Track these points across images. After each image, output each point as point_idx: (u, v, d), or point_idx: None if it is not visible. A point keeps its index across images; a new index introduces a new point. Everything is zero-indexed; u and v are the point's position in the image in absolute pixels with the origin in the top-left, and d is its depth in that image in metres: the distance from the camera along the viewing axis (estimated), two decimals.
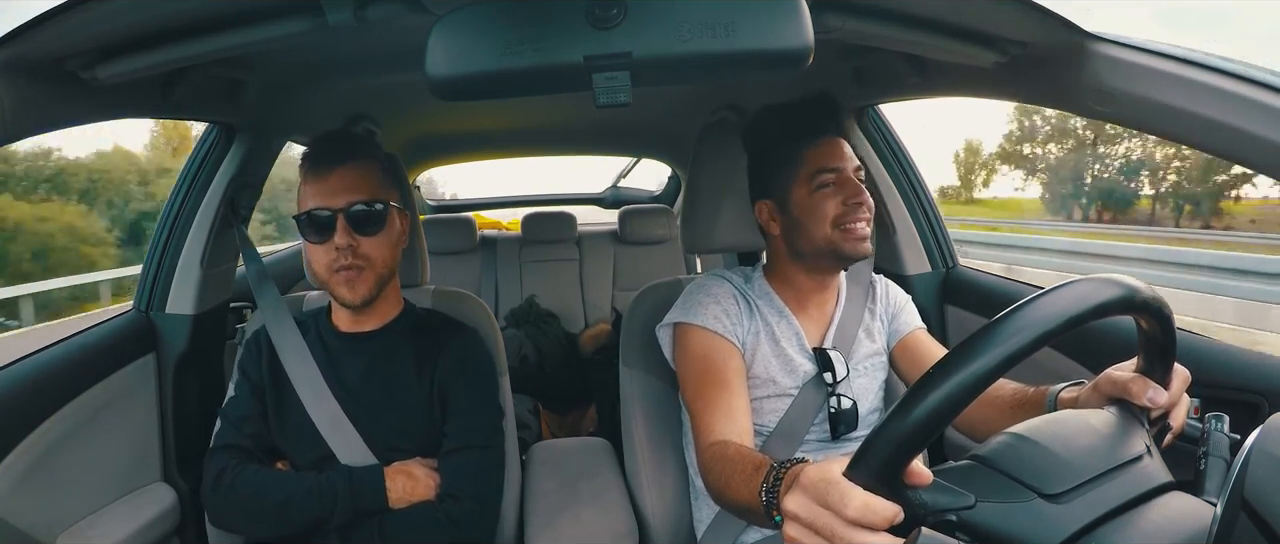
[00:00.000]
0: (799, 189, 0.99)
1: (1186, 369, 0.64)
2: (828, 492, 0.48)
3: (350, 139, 1.04)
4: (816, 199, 0.98)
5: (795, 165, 1.00)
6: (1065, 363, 1.07)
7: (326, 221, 0.95)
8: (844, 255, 0.97)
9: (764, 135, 1.07)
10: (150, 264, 1.26)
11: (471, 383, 1.04)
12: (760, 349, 1.01)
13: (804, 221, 0.99)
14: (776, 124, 1.05)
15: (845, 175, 0.98)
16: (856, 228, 0.96)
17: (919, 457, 0.48)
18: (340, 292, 0.97)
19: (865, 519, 0.46)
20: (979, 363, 0.45)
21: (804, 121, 1.02)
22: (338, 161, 0.96)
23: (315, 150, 0.99)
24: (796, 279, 1.05)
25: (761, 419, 1.01)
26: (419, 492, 0.96)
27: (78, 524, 1.02)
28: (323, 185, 0.95)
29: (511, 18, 0.61)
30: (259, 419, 1.01)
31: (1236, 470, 0.43)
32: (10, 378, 0.97)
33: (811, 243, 0.99)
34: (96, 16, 0.65)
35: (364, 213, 0.95)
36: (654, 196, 3.14)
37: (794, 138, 1.01)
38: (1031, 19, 0.75)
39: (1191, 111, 0.69)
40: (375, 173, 0.99)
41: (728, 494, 0.76)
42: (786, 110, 1.05)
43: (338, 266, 0.95)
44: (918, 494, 0.48)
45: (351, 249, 0.95)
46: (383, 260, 0.99)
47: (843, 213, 0.96)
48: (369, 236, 0.96)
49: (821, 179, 0.98)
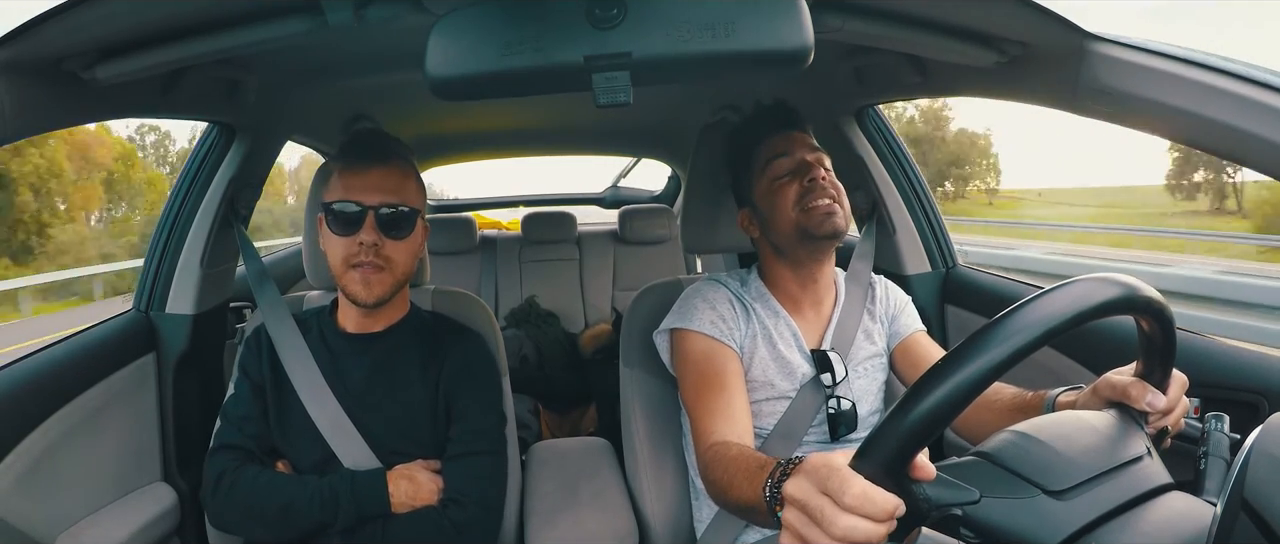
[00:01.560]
0: (761, 186, 1.02)
1: (1184, 375, 0.64)
2: (829, 477, 0.47)
3: (389, 141, 1.05)
4: (776, 188, 1.00)
5: (754, 165, 1.03)
6: (1066, 364, 1.07)
7: (356, 216, 0.95)
8: (813, 235, 0.98)
9: (731, 148, 1.11)
10: (150, 264, 1.26)
11: (477, 388, 1.04)
12: (757, 352, 1.00)
13: (770, 215, 1.01)
14: (737, 136, 1.09)
15: (797, 159, 0.99)
16: (819, 204, 0.96)
17: (923, 452, 0.48)
18: (354, 288, 0.97)
19: (861, 507, 0.46)
20: (986, 357, 0.45)
21: (759, 125, 1.05)
22: (377, 161, 0.97)
23: (355, 145, 1.01)
24: (786, 280, 1.05)
25: (760, 422, 1.00)
26: (422, 496, 0.96)
27: (78, 524, 1.02)
28: (358, 180, 0.96)
29: (511, 18, 0.61)
30: (260, 419, 1.01)
31: (1236, 470, 0.43)
32: (10, 378, 0.97)
33: (782, 233, 1.00)
34: (96, 16, 0.65)
35: (394, 215, 0.96)
36: (654, 196, 3.15)
37: (752, 142, 1.04)
38: (1031, 19, 0.75)
39: (1191, 111, 0.69)
40: (408, 178, 1.01)
41: (730, 493, 0.76)
42: (744, 121, 1.09)
43: (356, 262, 0.96)
44: (922, 488, 0.48)
45: (376, 248, 0.95)
46: (403, 265, 0.99)
47: (801, 194, 0.97)
48: (394, 240, 0.97)
49: (775, 168, 1.00)
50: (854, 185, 1.45)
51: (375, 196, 0.95)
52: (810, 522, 0.48)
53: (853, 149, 1.40)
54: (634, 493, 1.12)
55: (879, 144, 1.43)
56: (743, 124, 1.10)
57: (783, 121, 1.04)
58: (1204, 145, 0.72)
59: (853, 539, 0.46)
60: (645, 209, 2.76)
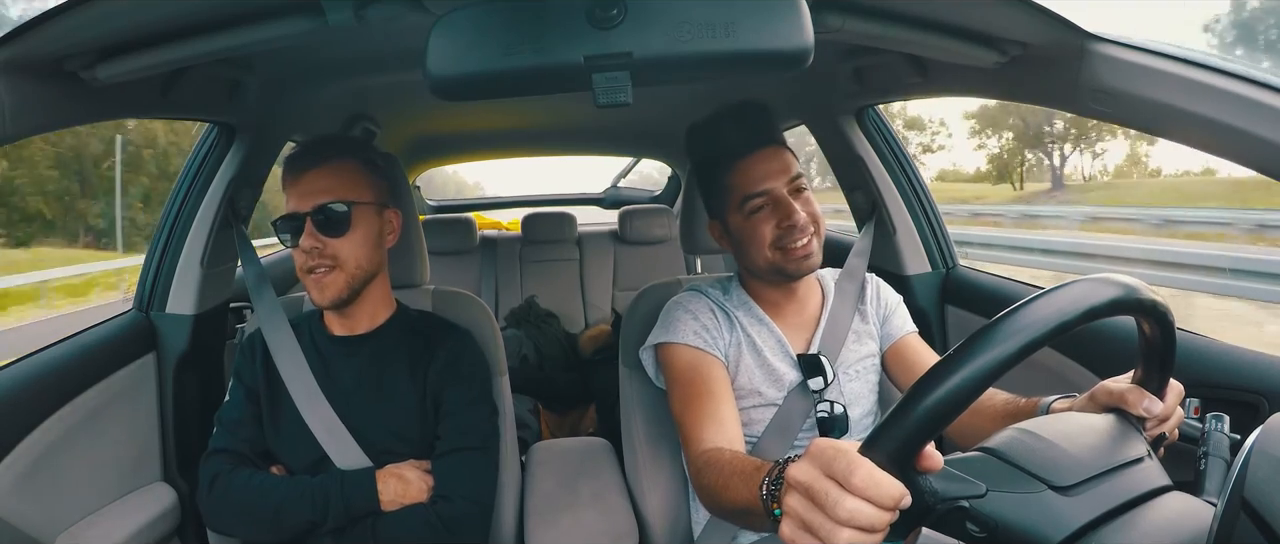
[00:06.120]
0: (733, 215, 0.98)
1: (1180, 384, 0.64)
2: (835, 459, 0.46)
3: (325, 142, 1.03)
4: (752, 224, 0.95)
5: (726, 191, 0.98)
6: (1067, 364, 1.07)
7: (296, 225, 0.96)
8: (789, 275, 0.97)
9: (695, 156, 1.06)
10: (150, 264, 1.26)
11: (464, 384, 1.04)
12: (742, 360, 0.99)
13: (744, 246, 0.98)
14: (702, 144, 1.03)
15: (776, 194, 0.94)
16: (796, 248, 0.93)
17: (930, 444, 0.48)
18: (312, 293, 0.98)
19: (868, 492, 0.44)
20: (1000, 349, 0.45)
21: (728, 139, 0.98)
22: (309, 165, 0.98)
23: (291, 156, 1.01)
24: (765, 289, 1.03)
25: (750, 430, 0.99)
26: (411, 494, 0.96)
27: (78, 524, 1.02)
28: (294, 189, 0.97)
29: (512, 17, 0.61)
30: (253, 423, 1.01)
31: (1236, 470, 0.43)
32: (10, 378, 0.97)
33: (755, 265, 0.98)
34: (96, 16, 0.65)
35: (328, 214, 0.96)
36: (654, 197, 3.15)
37: (721, 159, 0.98)
38: (1032, 19, 0.75)
39: (1191, 111, 0.69)
40: (349, 173, 0.99)
41: (725, 496, 0.74)
42: (711, 128, 1.01)
43: (308, 268, 0.97)
44: (928, 481, 0.48)
45: (318, 250, 0.96)
46: (356, 260, 0.98)
47: (779, 235, 0.94)
48: (335, 237, 0.97)
49: (752, 204, 0.95)
50: (854, 185, 1.45)
51: (309, 201, 0.96)
52: (813, 506, 0.46)
53: (853, 149, 1.40)
54: (633, 493, 1.12)
55: (879, 144, 1.43)
56: (708, 134, 1.01)
57: (754, 137, 0.97)
58: (1204, 145, 0.72)
59: (856, 524, 0.44)
60: (645, 209, 2.75)
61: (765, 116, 1.00)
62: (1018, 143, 31.19)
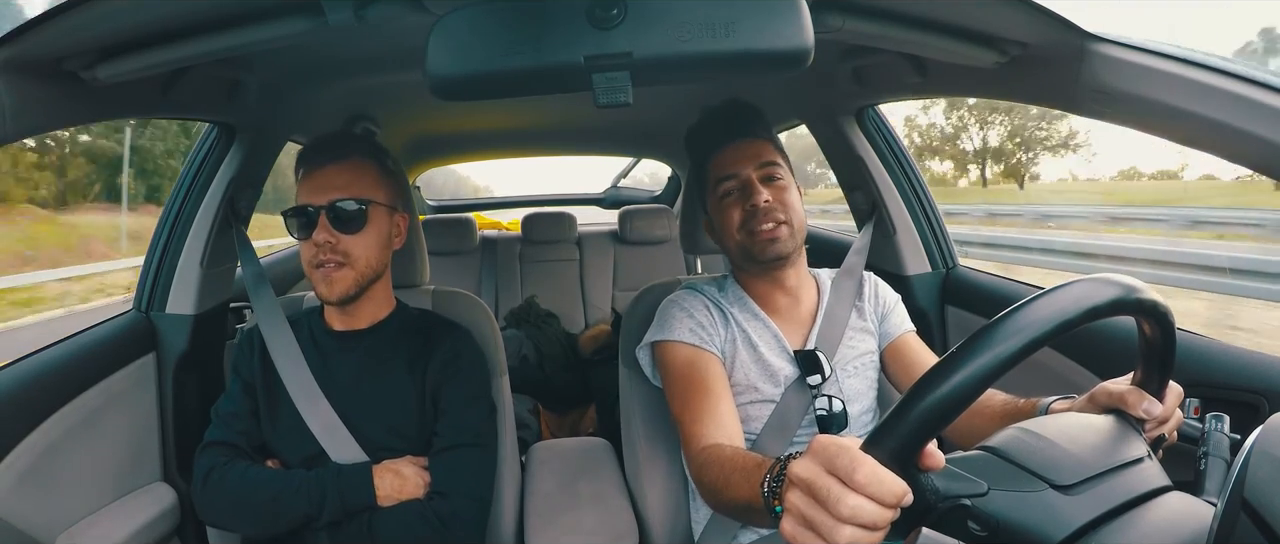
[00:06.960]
0: (712, 202, 1.03)
1: (1179, 386, 0.64)
2: (837, 456, 0.45)
3: (343, 138, 1.05)
4: (723, 208, 1.00)
5: (706, 180, 1.03)
6: (1067, 365, 1.07)
7: (310, 218, 0.97)
8: (757, 259, 0.98)
9: (690, 156, 1.10)
10: (150, 264, 1.25)
11: (461, 381, 1.04)
12: (738, 356, 1.00)
13: (719, 233, 1.03)
14: (693, 143, 1.08)
15: (743, 178, 0.98)
16: (761, 230, 0.96)
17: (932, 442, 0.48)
18: (319, 287, 0.99)
19: (869, 488, 0.44)
20: (1002, 346, 0.45)
21: (712, 133, 1.04)
22: (326, 160, 0.98)
23: (307, 149, 1.02)
24: (757, 283, 1.04)
25: (748, 426, 0.99)
26: (408, 490, 0.96)
27: (78, 524, 1.02)
28: (310, 182, 0.98)
29: (512, 17, 0.61)
30: (249, 416, 1.02)
31: (1236, 470, 0.43)
32: (10, 378, 0.97)
33: (730, 252, 1.02)
34: (96, 16, 0.65)
35: (345, 210, 0.97)
36: (654, 197, 3.14)
37: (704, 151, 1.04)
38: (1032, 19, 0.75)
39: (1191, 111, 0.69)
40: (366, 172, 1.00)
41: (726, 493, 0.74)
42: (700, 127, 1.07)
43: (318, 262, 0.97)
44: (930, 479, 0.48)
45: (331, 245, 0.96)
46: (366, 259, 0.99)
47: (745, 217, 0.97)
48: (350, 234, 0.98)
49: (723, 188, 1.00)
50: (854, 185, 1.45)
51: (326, 195, 0.96)
52: (815, 503, 0.46)
53: (853, 149, 1.40)
54: (633, 493, 1.12)
55: (879, 144, 1.43)
56: (694, 130, 1.08)
57: (734, 129, 1.02)
58: (1204, 145, 0.72)
59: (858, 521, 0.44)
60: (645, 209, 2.75)
61: (749, 111, 1.05)
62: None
